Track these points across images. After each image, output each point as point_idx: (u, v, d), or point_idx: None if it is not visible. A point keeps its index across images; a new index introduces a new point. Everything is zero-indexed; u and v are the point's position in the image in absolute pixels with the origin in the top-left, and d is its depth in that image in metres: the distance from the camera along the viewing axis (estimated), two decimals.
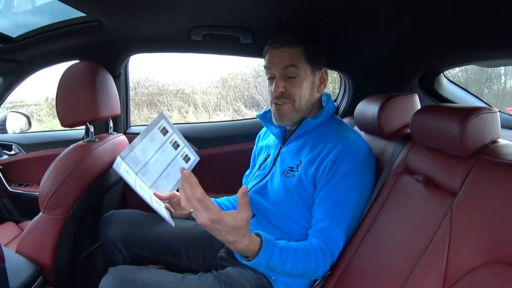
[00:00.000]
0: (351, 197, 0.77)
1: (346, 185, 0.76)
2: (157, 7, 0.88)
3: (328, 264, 0.75)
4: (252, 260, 0.66)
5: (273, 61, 0.84)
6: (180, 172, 0.60)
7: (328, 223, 0.75)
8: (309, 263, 0.71)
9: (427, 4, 0.66)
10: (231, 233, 0.60)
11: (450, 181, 0.64)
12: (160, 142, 0.91)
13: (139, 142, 0.86)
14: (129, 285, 0.74)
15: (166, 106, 4.94)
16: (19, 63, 1.24)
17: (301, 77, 0.83)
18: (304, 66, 0.83)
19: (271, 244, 0.67)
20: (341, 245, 0.76)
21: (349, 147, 0.79)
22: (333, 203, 0.76)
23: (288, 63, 0.82)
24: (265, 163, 0.94)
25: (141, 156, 0.86)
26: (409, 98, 0.95)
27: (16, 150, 1.54)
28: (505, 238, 0.50)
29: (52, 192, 0.93)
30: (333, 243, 0.75)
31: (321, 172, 0.78)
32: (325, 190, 0.77)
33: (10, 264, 0.74)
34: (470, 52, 0.93)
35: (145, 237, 0.95)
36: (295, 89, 0.83)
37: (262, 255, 0.65)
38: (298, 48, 0.83)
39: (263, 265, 0.67)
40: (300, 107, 0.84)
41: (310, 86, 0.85)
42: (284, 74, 0.83)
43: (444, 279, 0.55)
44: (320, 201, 0.78)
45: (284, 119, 0.85)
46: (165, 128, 0.92)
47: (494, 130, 0.66)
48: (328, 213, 0.76)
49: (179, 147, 0.95)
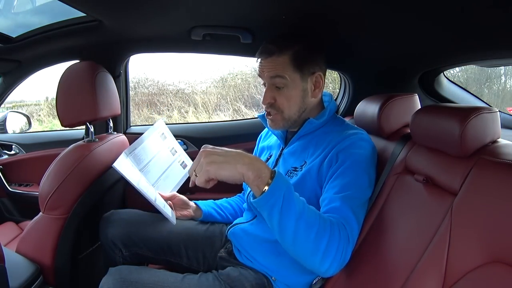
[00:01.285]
0: (359, 183, 0.74)
1: (354, 172, 0.74)
2: (157, 7, 0.88)
3: (343, 246, 0.65)
4: (270, 185, 0.60)
5: (261, 70, 0.84)
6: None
7: (339, 205, 0.69)
8: (324, 228, 0.63)
9: (427, 5, 0.66)
10: (228, 153, 0.61)
11: (450, 181, 0.64)
12: (160, 146, 0.93)
13: (141, 142, 0.87)
14: (129, 285, 0.74)
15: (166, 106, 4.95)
16: (19, 63, 1.24)
17: (289, 86, 0.82)
18: (292, 75, 0.81)
19: (285, 179, 0.63)
20: (355, 227, 0.69)
21: (355, 140, 0.78)
22: (341, 187, 0.72)
23: (273, 74, 0.82)
24: (267, 164, 0.94)
25: (144, 155, 0.87)
26: (409, 98, 0.95)
27: (16, 150, 1.54)
28: (505, 238, 0.50)
29: (52, 192, 0.93)
30: (347, 222, 0.68)
31: (327, 165, 0.77)
32: (333, 178, 0.75)
33: (10, 264, 0.74)
34: (470, 52, 0.93)
35: (145, 237, 0.95)
36: (283, 101, 0.83)
37: (277, 181, 0.60)
38: (286, 56, 0.81)
39: (279, 196, 0.60)
40: (290, 116, 0.84)
41: (301, 94, 0.83)
42: (273, 84, 0.83)
43: (444, 279, 0.55)
44: (328, 188, 0.74)
45: (275, 127, 0.87)
46: (163, 134, 0.94)
47: (494, 130, 0.66)
48: (337, 195, 0.71)
49: (176, 153, 0.97)
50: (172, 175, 0.95)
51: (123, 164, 0.80)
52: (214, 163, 0.60)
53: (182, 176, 0.98)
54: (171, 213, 0.84)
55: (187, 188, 0.88)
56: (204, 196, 1.10)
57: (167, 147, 0.96)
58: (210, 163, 0.60)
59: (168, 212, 0.82)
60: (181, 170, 0.98)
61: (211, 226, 1.01)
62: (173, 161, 0.96)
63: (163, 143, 0.93)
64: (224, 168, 0.60)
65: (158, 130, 0.92)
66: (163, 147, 0.94)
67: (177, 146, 0.97)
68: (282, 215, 0.61)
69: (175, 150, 0.97)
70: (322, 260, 0.64)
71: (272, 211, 0.61)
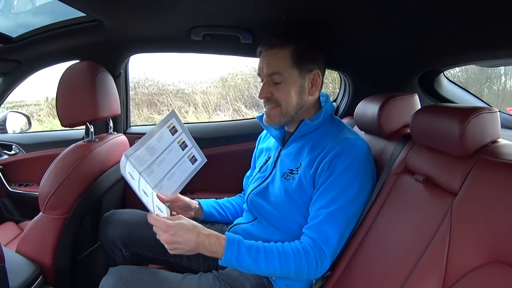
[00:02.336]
0: (347, 195, 0.76)
1: (341, 183, 0.76)
2: (157, 7, 0.88)
3: (314, 263, 0.73)
4: (222, 258, 0.72)
5: (260, 66, 0.85)
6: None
7: (321, 219, 0.75)
8: (287, 263, 0.72)
9: (427, 5, 0.66)
10: (192, 232, 0.72)
11: (450, 181, 0.64)
12: (167, 142, 0.89)
13: (146, 140, 0.85)
14: (129, 285, 0.74)
15: (166, 106, 4.95)
16: (19, 63, 1.24)
17: (287, 82, 0.83)
18: (290, 71, 0.82)
19: (235, 241, 0.73)
20: (333, 242, 0.74)
21: (347, 147, 0.78)
22: (328, 200, 0.75)
23: (271, 71, 0.83)
24: (266, 166, 0.94)
25: (147, 156, 0.86)
26: (409, 98, 0.95)
27: (16, 150, 1.54)
28: (505, 238, 0.50)
29: (52, 192, 0.93)
30: (322, 240, 0.74)
31: (320, 172, 0.78)
32: (321, 188, 0.77)
33: (10, 264, 0.74)
34: (470, 52, 0.93)
35: (145, 237, 0.95)
36: (281, 94, 0.83)
37: (228, 252, 0.72)
38: (286, 51, 0.82)
39: (233, 261, 0.72)
40: (288, 112, 0.85)
41: (298, 90, 0.84)
42: (270, 79, 0.84)
43: (444, 279, 0.55)
44: (316, 200, 0.78)
45: (271, 122, 0.87)
46: (174, 127, 0.90)
47: (494, 130, 0.66)
48: (322, 209, 0.75)
49: (186, 148, 0.94)
50: (178, 172, 0.93)
51: (126, 169, 0.79)
52: (177, 250, 0.73)
53: (190, 172, 0.95)
54: None
55: (188, 188, 0.88)
56: (204, 196, 1.10)
57: (177, 142, 0.92)
58: (172, 250, 0.74)
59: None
60: (190, 165, 0.95)
61: (211, 226, 1.01)
62: (182, 156, 0.93)
63: (172, 137, 0.90)
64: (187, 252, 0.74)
65: (168, 123, 0.89)
66: (172, 142, 0.91)
67: (188, 139, 0.94)
68: (243, 268, 0.74)
69: (185, 144, 0.94)
70: (300, 277, 0.75)
71: (232, 267, 0.75)
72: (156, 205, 0.84)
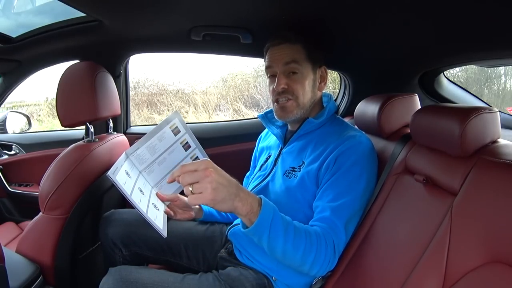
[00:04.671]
0: (353, 191, 0.75)
1: (348, 179, 0.75)
2: (157, 7, 0.88)
3: (329, 257, 0.70)
4: (256, 219, 0.63)
5: (274, 58, 0.85)
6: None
7: (329, 214, 0.73)
8: (311, 245, 0.68)
9: (427, 4, 0.66)
10: (231, 184, 0.60)
11: (450, 181, 0.64)
12: (169, 142, 0.89)
13: (147, 140, 0.85)
14: (129, 285, 0.74)
15: (166, 106, 4.95)
16: (19, 63, 1.24)
17: (304, 74, 0.84)
18: (304, 63, 0.84)
19: (271, 204, 0.66)
20: (342, 238, 0.73)
21: (352, 144, 0.78)
22: (335, 195, 0.74)
23: (289, 59, 0.83)
24: (266, 164, 0.94)
25: (148, 155, 0.86)
26: (409, 98, 0.95)
27: (16, 150, 1.54)
28: (505, 238, 0.50)
29: (52, 192, 0.93)
30: (335, 233, 0.72)
31: (324, 169, 0.78)
32: (327, 184, 0.76)
33: (10, 264, 0.74)
34: (470, 52, 0.93)
35: (145, 237, 0.95)
36: (298, 85, 0.83)
37: (265, 211, 0.63)
38: (299, 45, 0.83)
39: (267, 224, 0.63)
40: (304, 104, 0.85)
41: (312, 84, 0.86)
42: (286, 70, 0.84)
43: (444, 279, 0.55)
44: (322, 194, 0.76)
45: (288, 115, 0.85)
46: (177, 128, 0.90)
47: (494, 130, 0.66)
48: (329, 205, 0.74)
49: (190, 148, 0.94)
50: None
51: (119, 171, 0.79)
52: (216, 191, 0.58)
53: None
54: (163, 224, 0.83)
55: None
56: None
57: (179, 142, 0.92)
58: (214, 190, 0.58)
59: (160, 224, 0.81)
60: None
61: (211, 226, 1.01)
62: (184, 157, 0.93)
63: (174, 138, 0.90)
64: (224, 201, 0.60)
65: (170, 124, 0.89)
66: (174, 142, 0.91)
67: (191, 140, 0.93)
68: (271, 240, 0.65)
69: (188, 144, 0.94)
70: (309, 270, 0.70)
71: (261, 238, 0.65)
72: (152, 203, 0.84)
